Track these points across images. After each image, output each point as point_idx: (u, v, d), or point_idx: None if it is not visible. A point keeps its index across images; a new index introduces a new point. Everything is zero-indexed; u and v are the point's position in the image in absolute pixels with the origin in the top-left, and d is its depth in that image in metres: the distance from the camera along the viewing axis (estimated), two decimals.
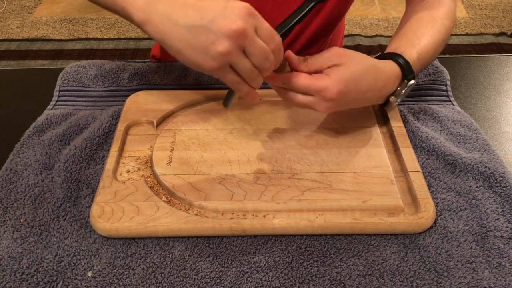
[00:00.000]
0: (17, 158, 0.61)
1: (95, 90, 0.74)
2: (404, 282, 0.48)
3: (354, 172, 0.58)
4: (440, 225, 0.54)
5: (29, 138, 0.65)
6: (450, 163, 0.60)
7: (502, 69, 0.81)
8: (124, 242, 0.52)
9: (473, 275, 0.49)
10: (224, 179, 0.58)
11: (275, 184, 0.57)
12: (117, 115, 0.68)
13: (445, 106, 0.71)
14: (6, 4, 2.63)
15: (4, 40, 2.34)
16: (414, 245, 0.52)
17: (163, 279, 0.49)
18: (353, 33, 2.34)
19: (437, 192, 0.57)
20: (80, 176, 0.59)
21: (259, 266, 0.50)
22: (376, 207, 0.54)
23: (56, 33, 2.39)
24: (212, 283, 0.49)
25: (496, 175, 0.58)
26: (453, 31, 2.36)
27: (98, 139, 0.64)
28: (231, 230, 0.52)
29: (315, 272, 0.50)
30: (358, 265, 0.50)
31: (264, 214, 0.54)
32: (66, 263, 0.50)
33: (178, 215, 0.53)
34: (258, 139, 0.64)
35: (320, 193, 0.56)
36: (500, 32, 2.35)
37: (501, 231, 0.53)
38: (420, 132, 0.65)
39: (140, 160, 0.61)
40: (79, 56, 2.23)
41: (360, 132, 0.64)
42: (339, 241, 0.53)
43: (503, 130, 0.68)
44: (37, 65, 2.15)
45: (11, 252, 0.51)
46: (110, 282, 0.49)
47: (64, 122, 0.68)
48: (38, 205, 0.56)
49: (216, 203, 0.55)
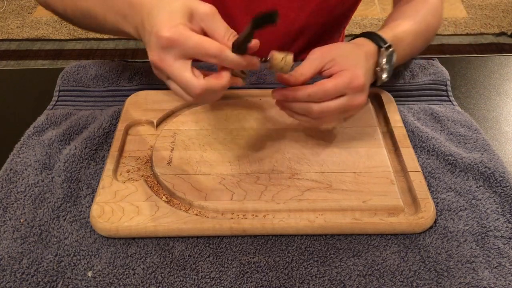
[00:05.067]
0: (17, 158, 0.61)
1: (95, 90, 0.74)
2: (404, 282, 0.48)
3: (354, 172, 0.58)
4: (440, 225, 0.54)
5: (29, 138, 0.65)
6: (450, 163, 0.60)
7: (502, 69, 0.81)
8: (124, 242, 0.52)
9: (473, 275, 0.49)
10: (224, 179, 0.58)
11: (275, 184, 0.57)
12: (117, 115, 0.68)
13: (445, 106, 0.71)
14: (6, 4, 2.63)
15: (4, 40, 2.34)
16: (414, 245, 0.52)
17: (163, 279, 0.49)
18: (353, 33, 2.34)
19: (437, 192, 0.57)
20: (80, 176, 0.59)
21: (259, 266, 0.50)
22: (376, 207, 0.54)
23: (56, 33, 2.39)
24: (212, 283, 0.49)
25: (496, 175, 0.58)
26: (453, 31, 2.36)
27: (98, 139, 0.64)
28: (231, 230, 0.52)
29: (315, 272, 0.50)
30: (358, 265, 0.50)
31: (264, 214, 0.54)
32: (66, 263, 0.50)
33: (178, 215, 0.53)
34: (258, 139, 0.64)
35: (320, 193, 0.56)
36: (500, 32, 2.35)
37: (501, 231, 0.53)
38: (420, 132, 0.65)
39: (140, 160, 0.61)
40: (79, 56, 2.23)
41: (360, 132, 0.64)
42: (339, 241, 0.53)
43: (503, 130, 0.68)
44: (37, 65, 2.15)
45: (11, 252, 0.51)
46: (110, 282, 0.49)
47: (64, 122, 0.68)
48: (38, 205, 0.56)
49: (216, 203, 0.55)
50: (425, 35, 0.70)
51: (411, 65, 0.78)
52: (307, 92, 0.55)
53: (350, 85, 0.55)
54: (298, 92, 0.55)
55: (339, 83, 0.55)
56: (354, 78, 0.55)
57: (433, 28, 0.72)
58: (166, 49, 0.47)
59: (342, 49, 0.58)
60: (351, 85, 0.55)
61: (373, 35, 0.63)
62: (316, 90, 0.54)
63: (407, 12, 0.70)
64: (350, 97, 0.56)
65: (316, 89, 0.54)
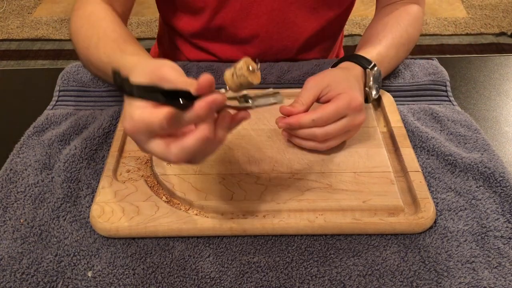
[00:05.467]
0: (17, 158, 0.61)
1: (95, 90, 0.74)
2: (404, 282, 0.48)
3: (354, 172, 0.58)
4: (440, 225, 0.54)
5: (29, 138, 0.65)
6: (450, 163, 0.60)
7: (502, 69, 0.81)
8: (124, 242, 0.52)
9: (473, 275, 0.49)
10: (224, 179, 0.58)
11: (275, 184, 0.57)
12: (117, 115, 0.68)
13: (445, 106, 0.71)
14: (6, 4, 2.63)
15: (4, 40, 2.34)
16: (414, 245, 0.52)
17: (163, 279, 0.49)
18: (353, 33, 2.34)
19: (437, 192, 0.57)
20: (80, 176, 0.59)
21: (259, 266, 0.50)
22: (376, 207, 0.54)
23: (56, 33, 2.39)
24: (212, 283, 0.49)
25: (496, 175, 0.58)
26: (453, 31, 2.36)
27: (98, 139, 0.64)
28: (231, 230, 0.52)
29: (315, 272, 0.50)
30: (358, 265, 0.50)
31: (264, 214, 0.54)
32: (66, 263, 0.50)
33: (178, 215, 0.53)
34: (258, 139, 0.64)
35: (320, 193, 0.56)
36: (500, 32, 2.35)
37: (501, 231, 0.53)
38: (420, 132, 0.65)
39: (140, 160, 0.61)
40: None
41: (360, 132, 0.64)
42: (339, 241, 0.53)
43: (503, 130, 0.68)
44: (37, 65, 2.15)
45: (11, 252, 0.51)
46: (110, 282, 0.49)
47: (64, 122, 0.68)
48: (38, 205, 0.56)
49: (216, 203, 0.55)
50: (406, 47, 0.74)
51: (411, 65, 0.78)
52: (311, 118, 0.57)
53: (350, 106, 0.58)
54: (302, 119, 0.58)
55: (340, 106, 0.57)
56: (352, 99, 0.58)
57: (414, 39, 0.75)
58: (132, 136, 0.44)
59: (334, 75, 0.62)
60: (351, 106, 0.58)
61: (357, 57, 0.67)
62: (319, 115, 0.57)
63: (389, 24, 0.73)
64: (351, 118, 0.59)
65: (319, 114, 0.57)
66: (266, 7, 0.76)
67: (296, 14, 0.77)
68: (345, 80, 0.61)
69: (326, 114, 0.57)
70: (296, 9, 0.76)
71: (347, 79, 0.61)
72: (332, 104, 0.58)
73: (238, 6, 0.75)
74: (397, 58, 0.73)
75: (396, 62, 0.73)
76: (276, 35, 0.79)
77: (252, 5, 0.75)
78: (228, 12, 0.76)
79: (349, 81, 0.61)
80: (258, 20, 0.77)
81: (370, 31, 0.75)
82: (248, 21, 0.77)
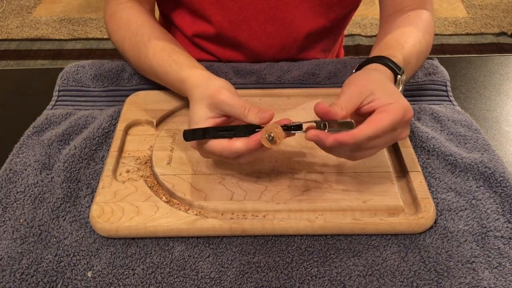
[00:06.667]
0: (17, 158, 0.61)
1: (94, 90, 0.74)
2: (404, 282, 0.48)
3: (354, 172, 0.58)
4: (440, 225, 0.54)
5: (28, 138, 0.65)
6: (450, 163, 0.60)
7: (502, 69, 0.81)
8: (124, 242, 0.52)
9: (473, 275, 0.49)
10: (224, 179, 0.58)
11: (275, 184, 0.57)
12: (116, 115, 0.68)
13: (445, 106, 0.71)
14: (6, 4, 2.63)
15: (4, 40, 2.34)
16: (414, 245, 0.52)
17: (163, 279, 0.49)
18: (353, 33, 2.34)
19: (437, 192, 0.57)
20: (80, 176, 0.59)
21: (259, 266, 0.50)
22: (376, 207, 0.54)
23: (55, 33, 2.39)
24: (212, 283, 0.49)
25: (496, 175, 0.58)
26: (453, 31, 2.36)
27: (97, 139, 0.64)
28: (231, 230, 0.52)
29: (315, 272, 0.49)
30: (358, 265, 0.50)
31: (264, 214, 0.54)
32: (66, 263, 0.50)
33: (178, 215, 0.53)
34: None
35: (320, 193, 0.56)
36: (500, 32, 2.35)
37: (501, 231, 0.53)
38: (420, 132, 0.65)
39: (140, 160, 0.61)
40: (79, 56, 2.23)
41: None
42: (339, 241, 0.53)
43: (503, 130, 0.68)
44: (36, 65, 2.15)
45: (10, 252, 0.51)
46: (110, 282, 0.49)
47: (63, 122, 0.68)
48: (37, 205, 0.56)
49: (216, 203, 0.55)
50: (425, 54, 0.70)
51: None
52: (367, 135, 0.50)
53: (404, 118, 0.52)
54: (358, 136, 0.49)
55: (396, 119, 0.51)
56: (407, 111, 0.52)
57: (430, 46, 0.71)
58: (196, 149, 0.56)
59: (376, 81, 0.55)
60: (405, 119, 0.52)
61: (385, 60, 0.60)
62: (375, 131, 0.50)
63: (406, 31, 0.68)
64: (400, 131, 0.53)
65: (374, 130, 0.50)
66: (263, 6, 0.76)
67: (293, 13, 0.77)
68: (388, 88, 0.55)
69: (381, 129, 0.50)
70: (294, 8, 0.76)
71: (390, 86, 0.56)
72: (388, 118, 0.50)
73: (237, 8, 0.75)
74: (416, 67, 0.68)
75: (415, 70, 0.69)
76: (274, 34, 0.78)
77: (250, 5, 0.75)
78: (226, 15, 0.76)
79: (393, 88, 0.55)
80: (256, 19, 0.77)
81: (388, 37, 0.69)
82: (246, 22, 0.77)
